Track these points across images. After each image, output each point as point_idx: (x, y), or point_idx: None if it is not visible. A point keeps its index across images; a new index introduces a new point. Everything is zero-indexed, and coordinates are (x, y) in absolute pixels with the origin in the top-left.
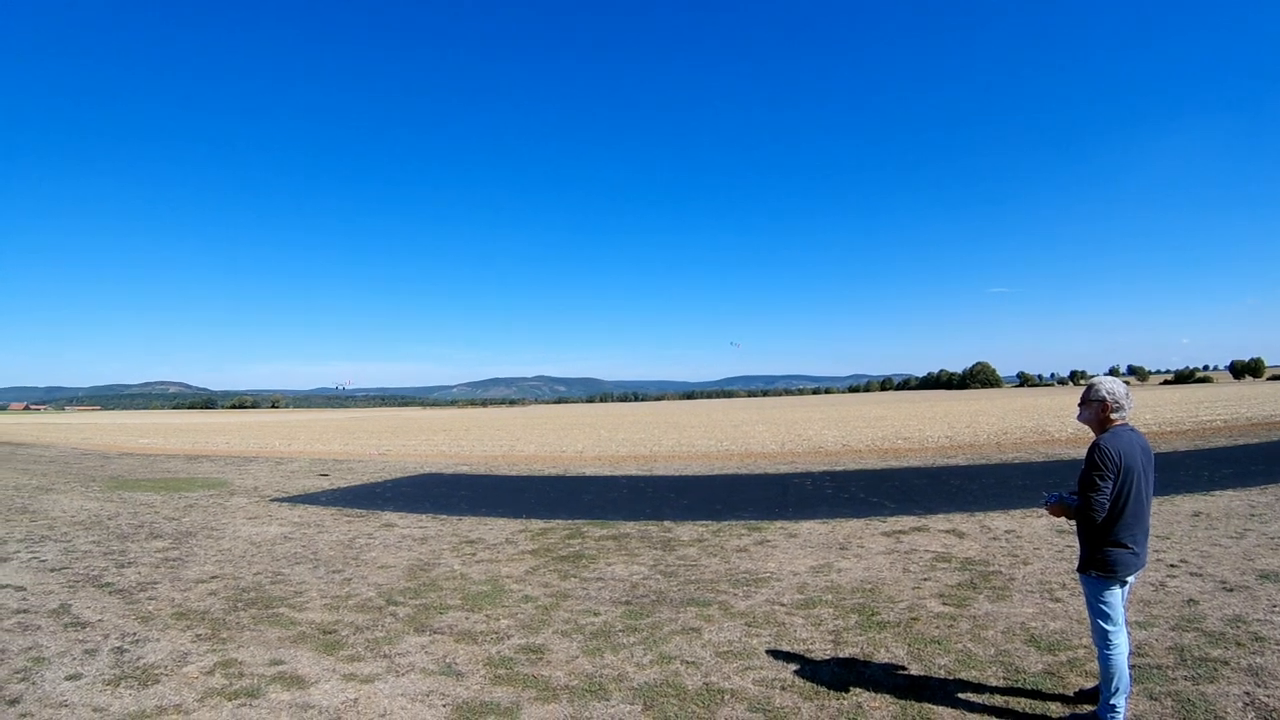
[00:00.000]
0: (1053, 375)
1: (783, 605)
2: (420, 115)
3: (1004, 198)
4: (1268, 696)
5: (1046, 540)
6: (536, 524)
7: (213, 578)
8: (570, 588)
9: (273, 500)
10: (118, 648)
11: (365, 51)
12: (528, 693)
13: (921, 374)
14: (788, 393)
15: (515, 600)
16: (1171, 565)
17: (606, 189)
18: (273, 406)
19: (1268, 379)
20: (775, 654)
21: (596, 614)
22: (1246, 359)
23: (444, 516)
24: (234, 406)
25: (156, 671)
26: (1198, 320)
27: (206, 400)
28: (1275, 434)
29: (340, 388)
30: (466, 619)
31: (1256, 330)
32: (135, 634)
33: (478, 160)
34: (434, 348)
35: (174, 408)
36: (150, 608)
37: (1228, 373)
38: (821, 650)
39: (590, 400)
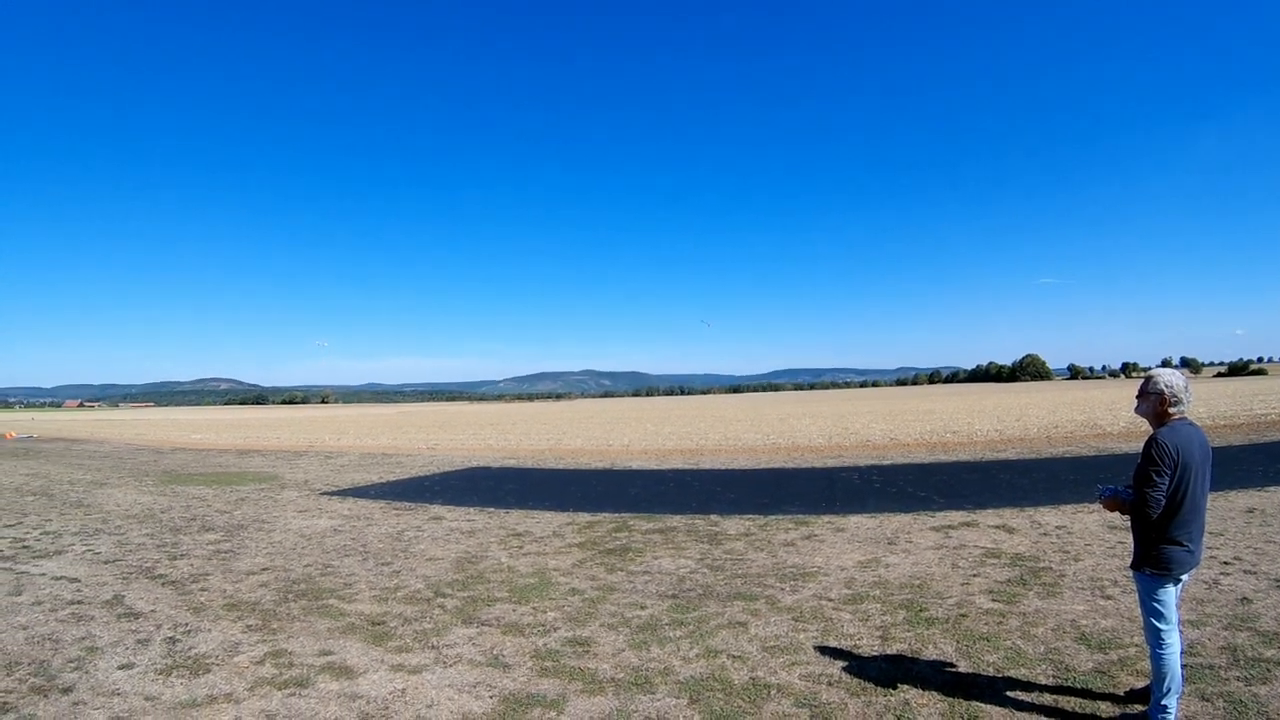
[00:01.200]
0: (1104, 368)
1: (830, 600)
2: (467, 115)
3: (1051, 189)
4: None
5: (1098, 536)
6: (583, 517)
7: (264, 569)
8: (617, 581)
9: (323, 494)
10: (170, 638)
11: (433, 57)
12: (574, 685)
13: (970, 367)
14: (834, 386)
15: (562, 593)
16: (1225, 563)
17: (651, 189)
18: (322, 402)
19: None
20: (822, 649)
21: (643, 607)
22: None
23: (491, 510)
24: (284, 402)
25: (208, 661)
26: (1253, 311)
27: (257, 396)
28: None
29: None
30: (513, 611)
31: None
32: (187, 624)
33: (526, 158)
34: (481, 343)
35: (225, 404)
36: (202, 599)
37: None
38: (869, 646)
39: (636, 394)
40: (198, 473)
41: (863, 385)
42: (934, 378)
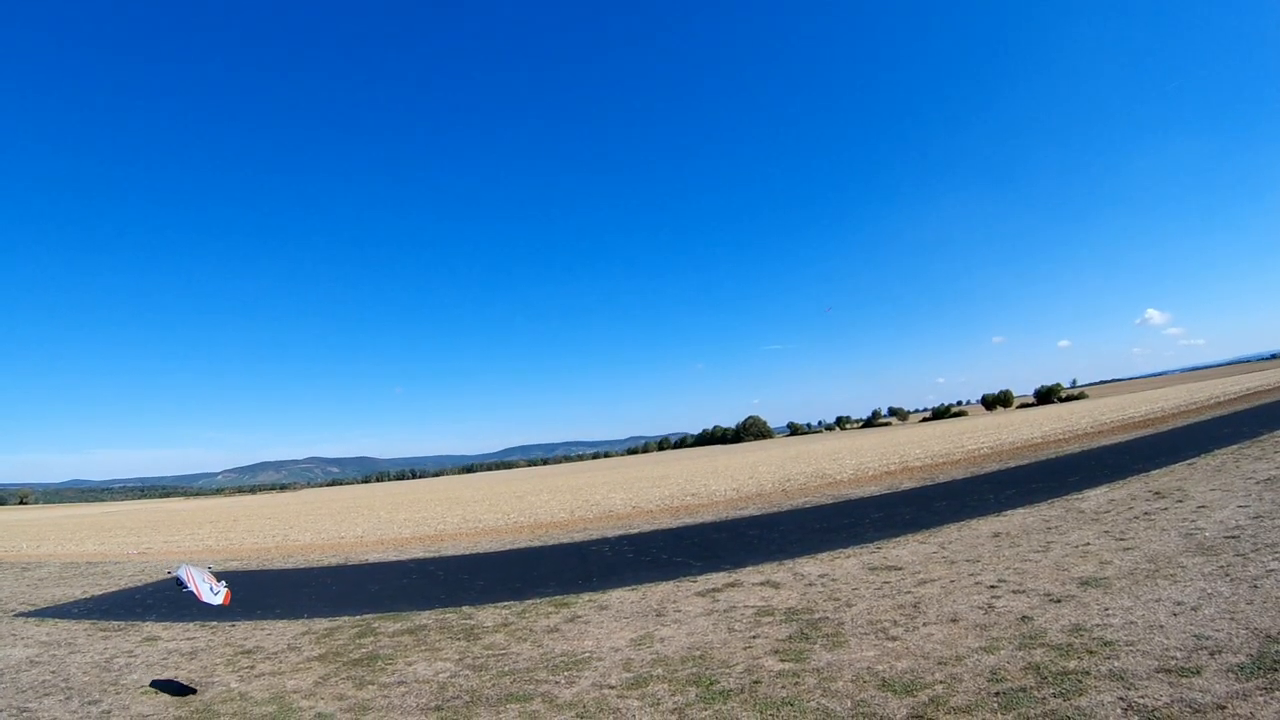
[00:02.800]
0: (820, 422)
1: (612, 688)
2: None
3: (773, 254)
4: (1143, 698)
5: (862, 579)
6: (320, 623)
7: None
8: (369, 697)
9: (17, 615)
10: None
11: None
12: None
13: (696, 431)
14: (567, 459)
15: None
16: (991, 586)
17: (373, 259)
18: (21, 503)
19: (1017, 408)
20: None
21: None
22: (996, 391)
23: (214, 624)
24: None
25: None
26: (950, 360)
27: None
28: (1040, 454)
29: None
30: None
31: (1003, 366)
32: None
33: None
34: (196, 431)
35: None
36: None
37: (980, 405)
38: None
39: (366, 480)
40: None
41: (595, 456)
42: (664, 444)
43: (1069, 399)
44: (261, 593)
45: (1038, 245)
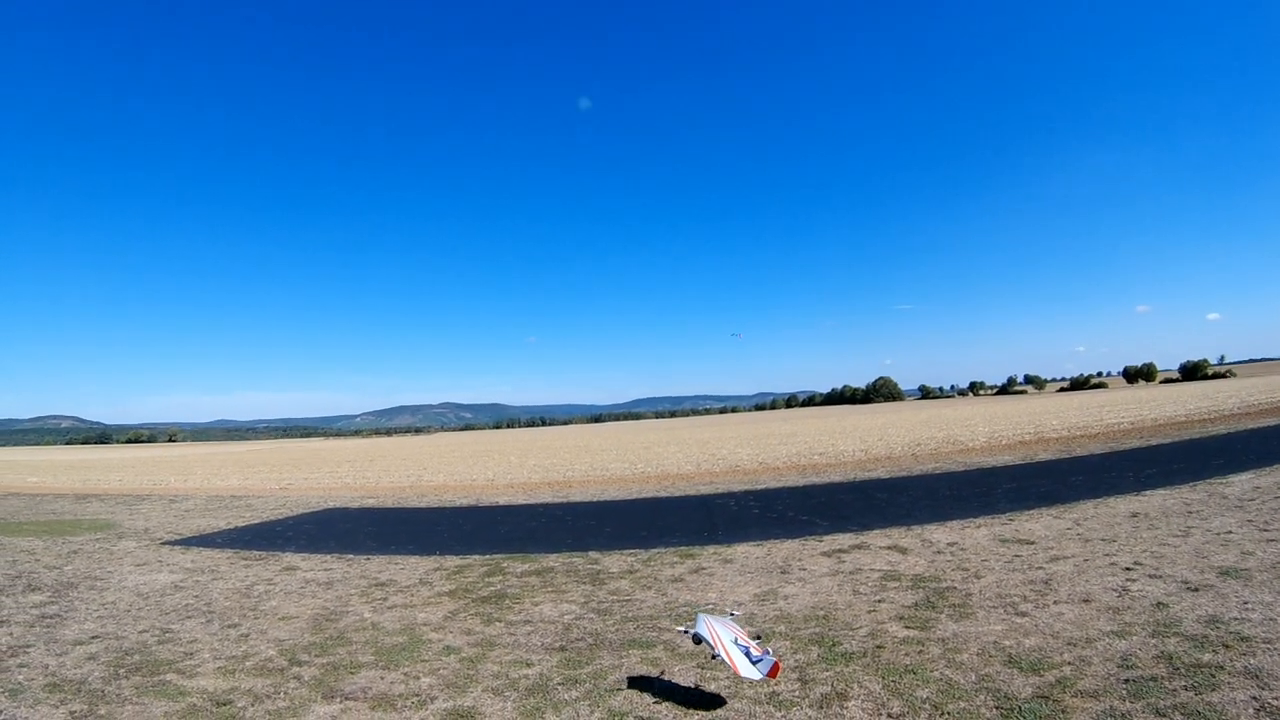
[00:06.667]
0: (953, 387)
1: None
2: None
3: (905, 214)
4: (1277, 700)
5: (992, 550)
6: (452, 561)
7: (93, 638)
8: (496, 634)
9: (164, 543)
10: None
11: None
12: None
13: (825, 390)
14: (694, 412)
15: (436, 652)
16: (1127, 568)
17: (508, 212)
18: (170, 440)
19: (1160, 382)
20: (740, 700)
21: (529, 664)
22: (1139, 364)
23: (350, 556)
24: (129, 441)
25: None
26: (1091, 329)
27: (101, 435)
28: (1183, 434)
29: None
30: (382, 678)
31: (1147, 337)
32: (1, 712)
33: (368, 176)
34: (337, 376)
35: (67, 443)
36: (20, 678)
37: (1121, 378)
38: (789, 691)
39: (498, 426)
40: (29, 521)
41: (722, 411)
42: (792, 401)
43: (1215, 376)
44: (396, 529)
45: (1189, 210)
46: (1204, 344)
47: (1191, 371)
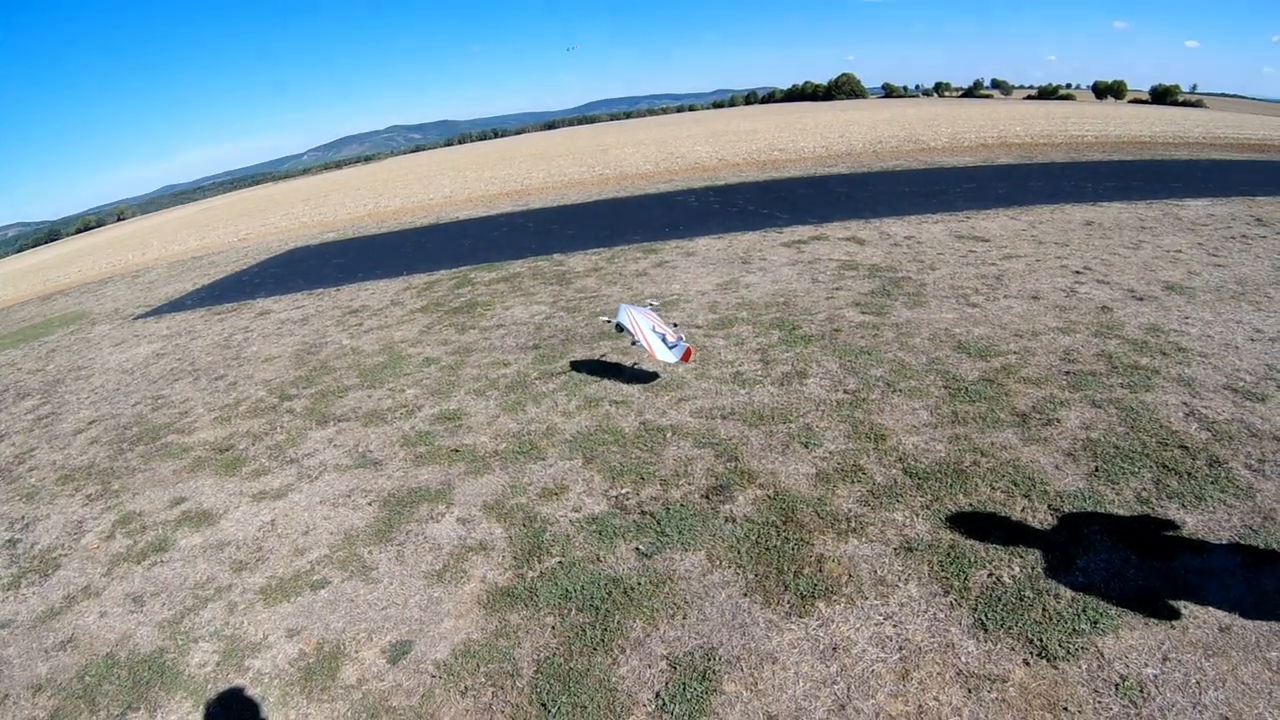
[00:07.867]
0: (918, 87)
1: (699, 327)
2: None
3: None
4: (1205, 409)
5: (947, 245)
6: (420, 279)
7: (90, 423)
8: (471, 341)
9: (136, 318)
10: (8, 540)
11: None
12: (456, 468)
13: (785, 86)
14: (651, 113)
15: (416, 365)
16: (1076, 271)
17: None
18: (119, 219)
19: (1129, 102)
20: (706, 381)
21: (507, 364)
22: (1109, 80)
23: (320, 290)
24: (79, 231)
25: (55, 554)
26: (1065, 39)
27: (50, 233)
28: (1145, 153)
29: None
30: (369, 397)
31: (1121, 55)
32: (23, 517)
33: None
34: (277, 115)
35: (17, 251)
36: (33, 480)
37: (1090, 92)
38: (752, 371)
39: (449, 144)
40: (1, 335)
41: (679, 110)
42: (750, 98)
43: (1186, 104)
44: (360, 257)
45: None
46: (1178, 70)
47: (1162, 95)
